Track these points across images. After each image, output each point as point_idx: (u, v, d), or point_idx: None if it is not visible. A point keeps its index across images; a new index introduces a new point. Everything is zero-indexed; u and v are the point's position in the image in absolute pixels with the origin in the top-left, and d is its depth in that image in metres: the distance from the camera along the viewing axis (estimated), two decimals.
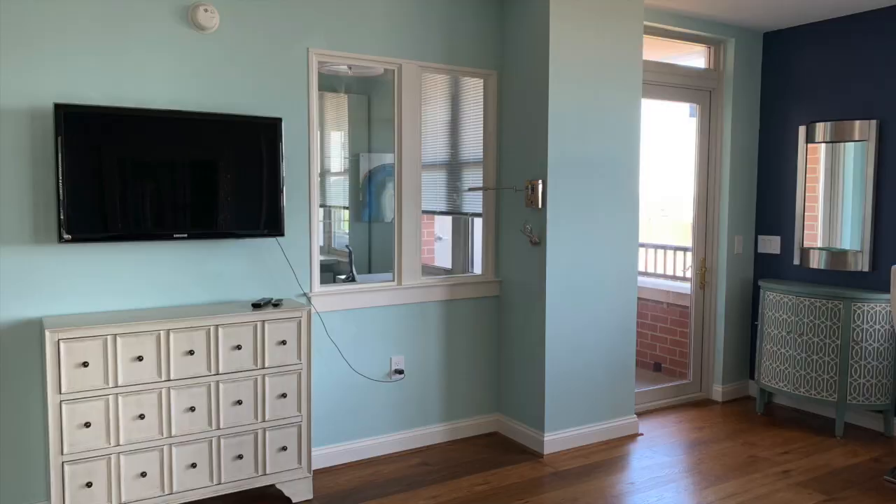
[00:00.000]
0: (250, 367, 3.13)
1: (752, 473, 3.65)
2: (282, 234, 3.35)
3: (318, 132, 3.61)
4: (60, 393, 2.74)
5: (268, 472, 3.20)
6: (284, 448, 3.23)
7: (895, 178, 4.23)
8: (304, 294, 3.56)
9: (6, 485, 2.97)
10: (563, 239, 3.87)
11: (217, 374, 3.05)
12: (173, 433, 2.97)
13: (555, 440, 3.93)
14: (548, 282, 3.84)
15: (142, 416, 2.90)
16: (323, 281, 3.67)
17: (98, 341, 2.80)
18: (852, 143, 4.39)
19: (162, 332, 2.92)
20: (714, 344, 4.94)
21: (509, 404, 4.17)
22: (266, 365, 3.16)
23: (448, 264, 4.86)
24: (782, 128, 4.78)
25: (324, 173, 4.56)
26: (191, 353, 2.98)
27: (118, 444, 2.86)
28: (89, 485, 2.81)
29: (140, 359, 2.88)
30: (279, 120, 3.29)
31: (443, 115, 4.26)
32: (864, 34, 4.33)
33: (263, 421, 3.17)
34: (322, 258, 3.69)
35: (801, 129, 4.62)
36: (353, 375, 3.76)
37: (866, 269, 4.32)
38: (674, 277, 6.26)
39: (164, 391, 2.94)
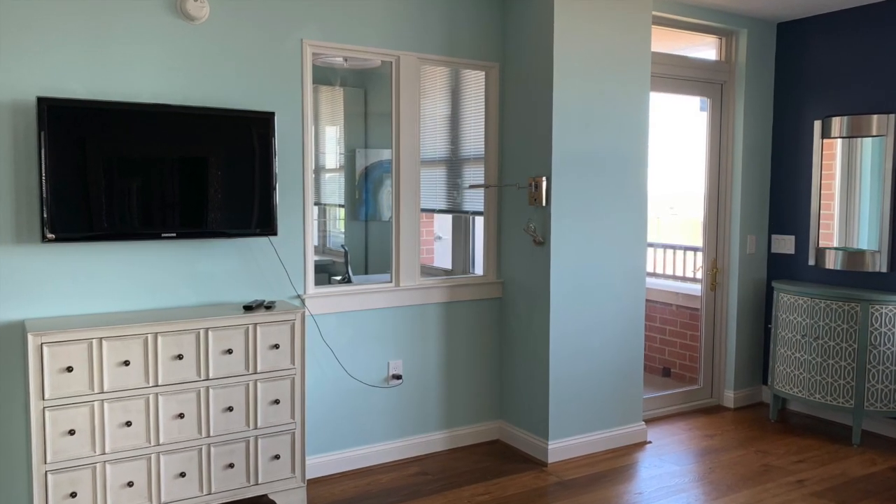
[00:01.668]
0: (242, 372, 3.13)
1: (765, 483, 3.66)
2: (275, 234, 3.35)
3: (313, 127, 3.62)
4: (44, 399, 2.75)
5: (260, 481, 3.20)
6: (277, 456, 3.23)
7: None
8: (298, 296, 3.56)
9: None
10: (568, 238, 3.88)
11: (207, 379, 3.05)
12: (161, 441, 2.97)
13: (559, 448, 3.93)
14: (552, 283, 3.84)
15: (128, 424, 2.90)
16: (318, 282, 3.67)
17: (83, 345, 2.80)
18: (870, 139, 4.39)
19: (149, 335, 2.92)
20: (725, 348, 4.94)
21: (512, 411, 4.17)
22: (258, 370, 3.16)
23: (448, 265, 4.87)
24: (797, 122, 4.78)
25: (318, 170, 4.57)
26: (179, 357, 2.99)
27: (104, 453, 2.86)
28: (74, 495, 2.81)
29: (126, 363, 2.88)
30: (272, 114, 3.30)
31: (442, 109, 4.27)
32: (882, 24, 4.33)
33: (255, 428, 3.17)
34: (317, 258, 3.70)
35: (817, 124, 4.62)
36: (349, 381, 3.76)
37: (884, 269, 4.32)
38: (683, 278, 6.26)
39: (151, 397, 2.95)
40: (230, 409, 3.10)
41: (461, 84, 4.25)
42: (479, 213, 4.23)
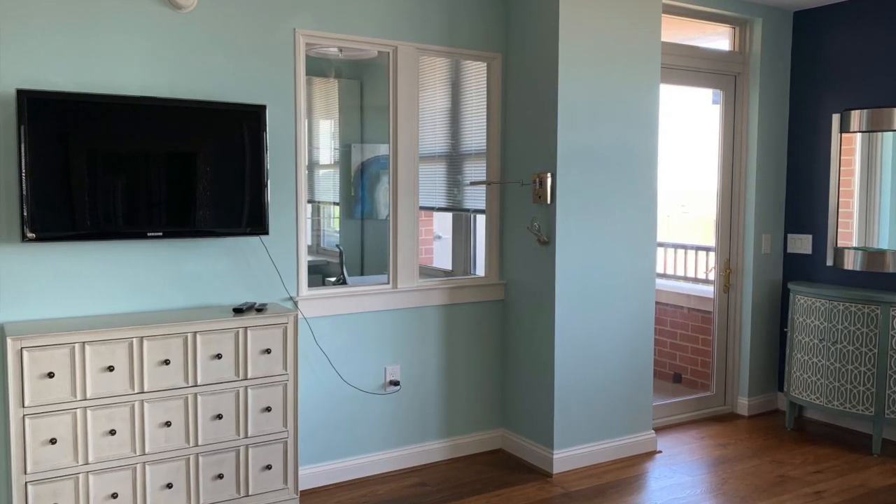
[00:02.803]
0: (231, 378, 3.13)
1: (780, 494, 3.66)
2: (266, 233, 3.35)
3: (306, 121, 3.62)
4: (24, 406, 2.75)
5: (251, 492, 3.20)
6: (269, 467, 3.23)
7: None
8: (291, 298, 3.56)
9: None
10: (574, 238, 3.88)
11: (195, 385, 3.05)
12: (147, 450, 2.98)
13: (565, 458, 3.93)
14: (557, 284, 3.84)
15: (113, 432, 2.90)
16: (311, 284, 3.67)
17: (65, 350, 2.80)
18: (891, 133, 4.39)
19: (135, 339, 2.92)
20: (739, 353, 4.94)
21: (515, 419, 4.17)
22: (249, 375, 3.16)
23: (448, 265, 4.87)
24: (814, 116, 4.78)
25: (312, 166, 4.57)
26: (166, 362, 2.99)
27: (87, 463, 2.87)
28: None
29: (111, 369, 2.88)
30: (263, 107, 3.30)
31: (442, 102, 4.27)
32: None
33: (246, 437, 3.17)
34: (310, 259, 3.70)
35: (835, 118, 4.62)
36: (345, 387, 3.76)
37: None
38: (695, 280, 6.26)
39: (136, 404, 2.95)
40: (219, 416, 3.10)
41: (462, 76, 4.25)
42: (481, 212, 4.23)
